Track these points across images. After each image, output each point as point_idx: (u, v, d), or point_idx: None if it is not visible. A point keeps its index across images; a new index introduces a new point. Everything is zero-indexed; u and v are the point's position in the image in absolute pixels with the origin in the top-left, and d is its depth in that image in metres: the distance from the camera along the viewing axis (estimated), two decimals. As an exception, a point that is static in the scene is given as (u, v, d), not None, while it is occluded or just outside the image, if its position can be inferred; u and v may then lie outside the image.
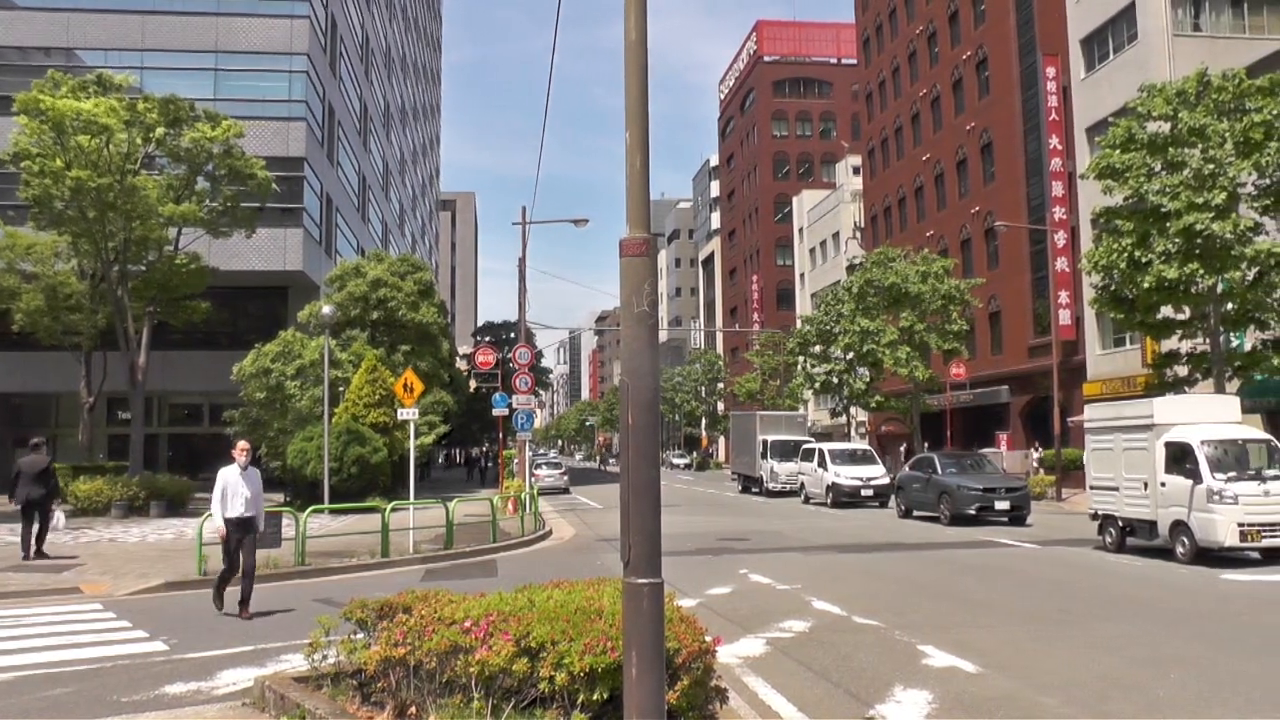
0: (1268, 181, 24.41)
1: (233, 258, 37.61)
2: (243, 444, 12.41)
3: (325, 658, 7.00)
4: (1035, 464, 38.83)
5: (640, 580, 4.99)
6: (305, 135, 41.11)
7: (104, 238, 30.26)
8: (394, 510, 18.72)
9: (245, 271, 39.30)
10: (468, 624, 5.96)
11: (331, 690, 6.82)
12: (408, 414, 20.29)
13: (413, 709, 6.05)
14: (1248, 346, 26.16)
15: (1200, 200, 23.57)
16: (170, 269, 32.79)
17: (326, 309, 26.81)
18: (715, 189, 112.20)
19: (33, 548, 17.45)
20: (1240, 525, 15.81)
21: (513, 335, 56.54)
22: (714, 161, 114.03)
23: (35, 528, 17.56)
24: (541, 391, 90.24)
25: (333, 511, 21.90)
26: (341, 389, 32.99)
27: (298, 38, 41.48)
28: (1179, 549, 16.77)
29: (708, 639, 6.01)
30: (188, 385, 42.16)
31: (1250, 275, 24.19)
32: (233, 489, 11.95)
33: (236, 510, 11.92)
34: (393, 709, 6.18)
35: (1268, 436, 17.84)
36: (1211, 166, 23.83)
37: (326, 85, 45.16)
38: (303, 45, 41.49)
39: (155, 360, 34.16)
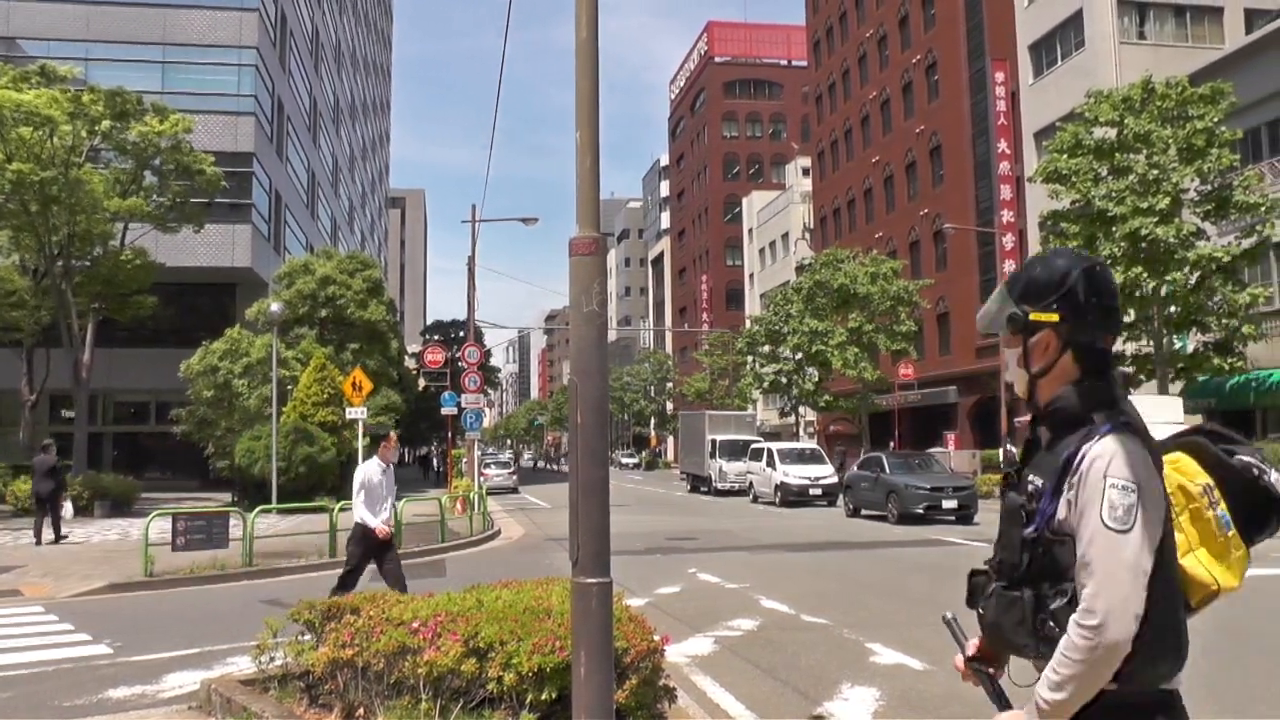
0: (1209, 187, 24.93)
1: (180, 253, 37.07)
2: (393, 436, 10.95)
3: (272, 660, 6.92)
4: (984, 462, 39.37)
5: (589, 580, 4.99)
6: (254, 130, 40.63)
7: (47, 232, 29.69)
8: (343, 510, 18.52)
9: (193, 268, 38.78)
10: (416, 625, 5.92)
11: (279, 692, 6.75)
12: (356, 413, 20.16)
13: (360, 710, 6.00)
14: (1190, 349, 26.68)
15: (1145, 205, 24.02)
16: (116, 264, 32.27)
17: (275, 306, 26.53)
18: (665, 189, 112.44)
19: (46, 534, 19.88)
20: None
21: (462, 334, 56.26)
22: (664, 161, 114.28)
23: (47, 518, 20.12)
24: (490, 391, 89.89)
25: (281, 511, 21.68)
26: (290, 387, 32.65)
27: (246, 31, 40.98)
28: (1122, 547, 17.02)
29: (656, 638, 6.02)
30: (133, 383, 41.47)
31: (1192, 279, 24.69)
32: (376, 490, 10.47)
33: (384, 515, 10.48)
34: (340, 710, 6.13)
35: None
36: (1156, 172, 24.30)
37: (276, 80, 44.65)
38: (252, 39, 40.99)
39: (100, 357, 33.60)
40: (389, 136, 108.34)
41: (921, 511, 24.97)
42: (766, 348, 48.68)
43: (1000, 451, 35.41)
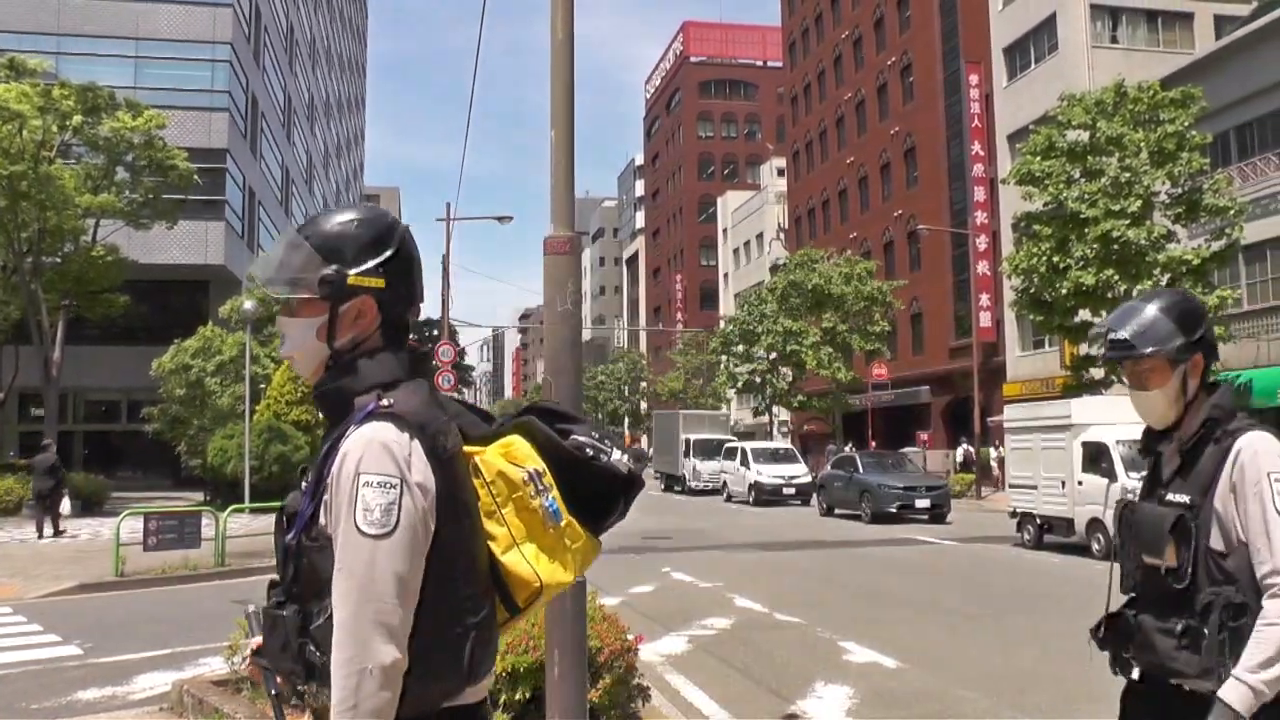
0: (1180, 190, 25.17)
1: (153, 250, 36.73)
2: None
3: (245, 660, 6.87)
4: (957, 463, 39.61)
5: (563, 579, 4.98)
6: (228, 126, 40.33)
7: (16, 228, 29.35)
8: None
9: (166, 265, 38.44)
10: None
11: (252, 693, 6.70)
12: (331, 411, 20.03)
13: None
14: (1160, 350, 26.92)
15: (1117, 208, 24.23)
16: (87, 261, 31.93)
17: (248, 304, 26.35)
18: (640, 188, 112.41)
19: (47, 530, 20.93)
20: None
21: (436, 332, 56.07)
22: (639, 161, 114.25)
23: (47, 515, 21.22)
24: (464, 389, 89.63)
25: (254, 511, 21.50)
26: (263, 386, 32.41)
27: (220, 26, 40.66)
28: (1095, 545, 17.18)
29: (630, 637, 6.03)
30: (105, 381, 41.06)
31: (1163, 281, 24.90)
32: None
33: None
34: (313, 711, 6.09)
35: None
36: (1127, 175, 24.51)
37: (250, 75, 44.35)
38: (226, 34, 40.68)
39: (70, 355, 33.25)
40: (364, 134, 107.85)
41: (895, 510, 25.11)
42: (741, 347, 48.76)
43: (960, 451, 35.69)
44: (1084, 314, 26.74)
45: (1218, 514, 2.46)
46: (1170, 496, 2.55)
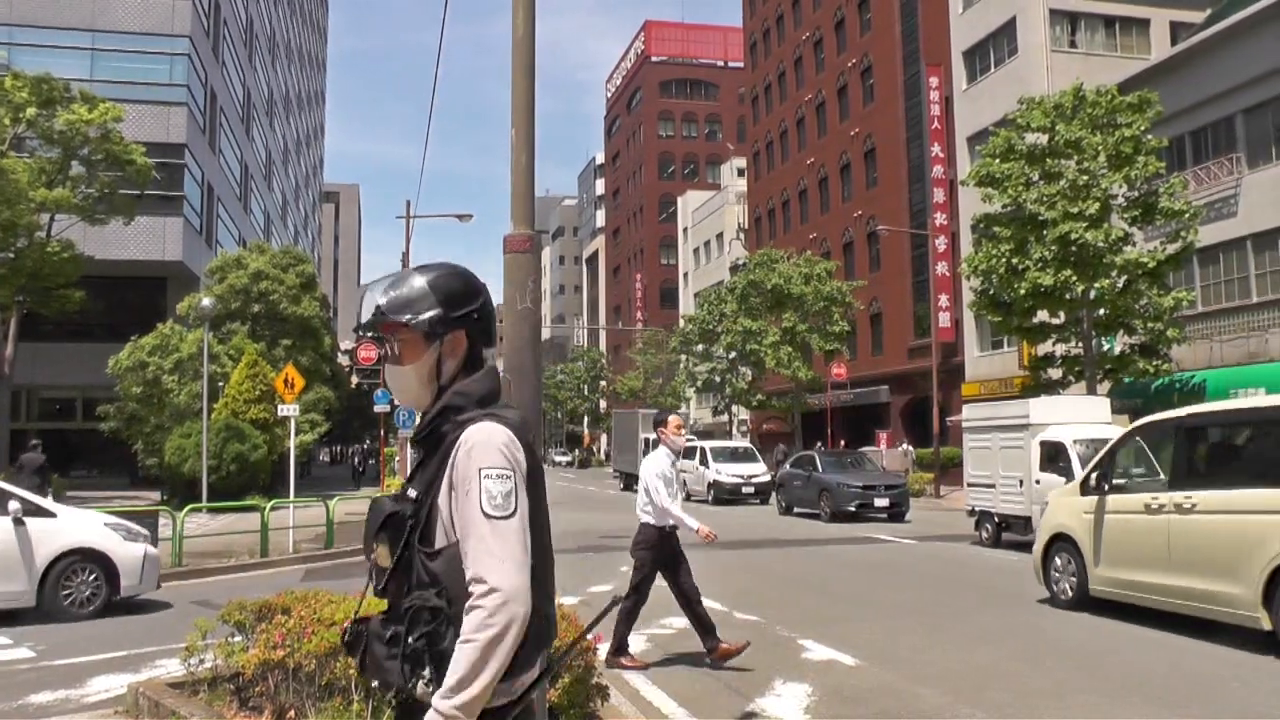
0: (1136, 194, 25.52)
1: (109, 246, 36.23)
2: (675, 420, 9.12)
3: (202, 662, 6.79)
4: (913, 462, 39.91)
5: (522, 579, 4.97)
6: (186, 121, 39.86)
7: (-32, 223, 28.90)
8: (274, 509, 18.29)
9: (122, 261, 37.91)
10: (348, 625, 5.85)
11: (208, 695, 6.63)
12: (288, 410, 19.88)
13: (291, 712, 5.93)
14: (1117, 351, 27.28)
15: (1075, 210, 24.52)
16: (42, 257, 31.41)
17: (206, 301, 26.09)
18: (600, 187, 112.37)
19: None
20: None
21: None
22: (600, 159, 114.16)
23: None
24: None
25: (211, 510, 21.34)
26: (221, 384, 32.11)
27: (179, 19, 40.18)
28: (1051, 544, 17.38)
29: (589, 637, 6.03)
30: (60, 378, 40.44)
31: (1120, 283, 25.25)
32: (669, 485, 8.88)
33: (676, 514, 8.80)
34: (271, 712, 6.05)
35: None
36: (1085, 178, 24.82)
37: (209, 69, 43.87)
38: (184, 27, 40.21)
39: (24, 352, 32.75)
40: (324, 130, 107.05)
41: (854, 509, 25.28)
42: (700, 347, 48.92)
43: (901, 450, 36.01)
44: (1042, 315, 27.07)
45: (440, 512, 2.30)
46: (410, 491, 2.38)
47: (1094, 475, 11.32)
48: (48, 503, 12.60)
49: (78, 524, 11.84)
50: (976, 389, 36.70)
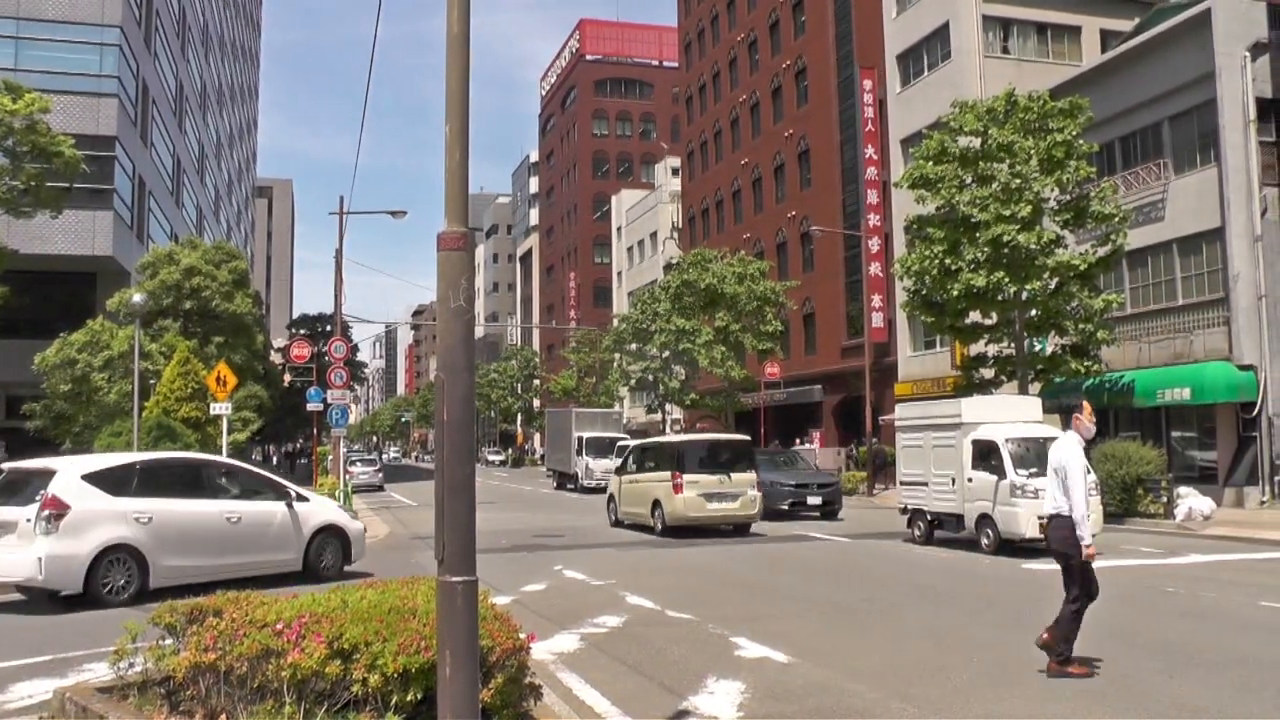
0: (1068, 197, 26.02)
1: (36, 240, 35.34)
2: (1088, 407, 8.52)
3: (132, 665, 6.66)
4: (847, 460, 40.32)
5: (454, 578, 4.96)
6: (117, 113, 39.01)
7: (-114, 215, 28.04)
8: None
9: (50, 255, 36.98)
10: (280, 626, 5.80)
11: (138, 700, 6.51)
12: (221, 408, 19.62)
13: (223, 716, 5.85)
14: (1049, 351, 27.79)
15: (1007, 212, 24.91)
16: (-37, 251, 30.62)
17: (137, 297, 25.63)
18: (535, 185, 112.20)
19: None
20: (1040, 518, 16.73)
21: (329, 328, 55.17)
22: (534, 158, 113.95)
23: None
24: (357, 386, 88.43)
25: (141, 509, 20.89)
26: (152, 382, 31.51)
27: (110, 9, 39.29)
28: (984, 540, 17.67)
29: (522, 636, 6.03)
30: (-18, 375, 39.44)
31: (1051, 285, 25.73)
32: (1088, 473, 8.36)
33: (1082, 510, 8.10)
34: (203, 716, 5.96)
35: (1062, 436, 18.94)
36: (1018, 181, 25.22)
37: (140, 61, 42.98)
38: (115, 17, 39.33)
39: (-55, 348, 31.90)
40: (256, 123, 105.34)
41: (787, 508, 25.48)
42: (634, 346, 48.94)
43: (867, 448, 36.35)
44: (975, 316, 27.49)
45: None
46: None
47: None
48: (306, 490, 15.43)
49: (324, 506, 15.00)
50: (909, 388, 37.12)
